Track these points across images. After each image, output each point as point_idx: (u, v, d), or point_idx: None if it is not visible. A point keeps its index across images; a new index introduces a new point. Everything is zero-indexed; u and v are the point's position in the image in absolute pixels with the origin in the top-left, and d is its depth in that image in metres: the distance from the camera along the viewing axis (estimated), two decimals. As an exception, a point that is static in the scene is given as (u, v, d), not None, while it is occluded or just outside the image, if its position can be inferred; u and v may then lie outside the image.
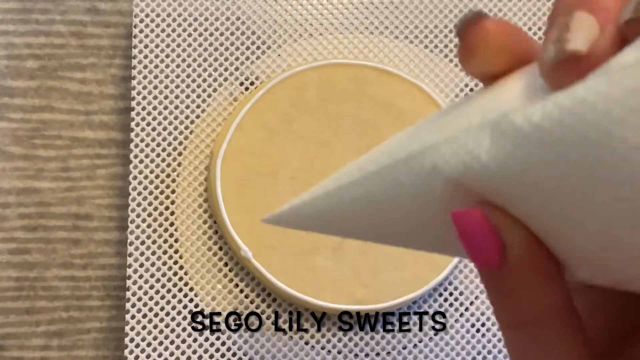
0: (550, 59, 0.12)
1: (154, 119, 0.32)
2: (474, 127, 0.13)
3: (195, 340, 0.31)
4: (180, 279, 0.31)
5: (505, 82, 0.14)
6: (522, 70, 0.14)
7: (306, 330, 0.31)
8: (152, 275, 0.31)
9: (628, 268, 0.12)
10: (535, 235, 0.14)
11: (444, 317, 0.32)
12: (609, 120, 0.11)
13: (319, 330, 0.31)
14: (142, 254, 0.31)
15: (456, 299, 0.32)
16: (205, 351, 0.31)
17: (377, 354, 0.31)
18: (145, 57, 0.32)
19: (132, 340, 0.30)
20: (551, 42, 0.12)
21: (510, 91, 0.13)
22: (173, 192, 0.32)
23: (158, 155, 0.32)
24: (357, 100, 0.32)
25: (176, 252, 0.31)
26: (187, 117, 0.32)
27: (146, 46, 0.32)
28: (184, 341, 0.31)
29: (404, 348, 0.32)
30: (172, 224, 0.31)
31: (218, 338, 0.31)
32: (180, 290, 0.31)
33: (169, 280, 0.31)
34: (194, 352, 0.31)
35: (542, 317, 0.14)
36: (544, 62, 0.12)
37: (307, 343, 0.31)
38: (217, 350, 0.31)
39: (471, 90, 0.34)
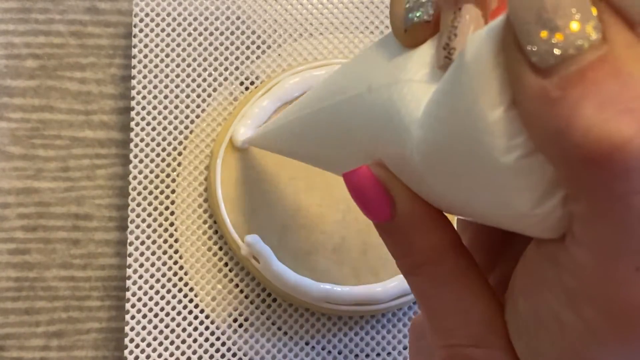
0: (404, 23, 0.15)
1: (154, 118, 0.32)
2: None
3: (195, 340, 0.31)
4: (180, 279, 0.31)
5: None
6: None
7: (306, 331, 0.31)
8: (152, 276, 0.31)
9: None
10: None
11: (444, 317, 0.32)
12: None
13: (319, 330, 0.31)
14: (142, 254, 0.31)
15: (456, 299, 0.32)
16: (205, 351, 0.31)
17: (377, 354, 0.31)
18: (145, 56, 0.32)
19: (131, 340, 0.30)
20: (405, 10, 0.15)
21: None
22: (173, 192, 0.32)
23: (158, 155, 0.32)
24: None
25: (176, 252, 0.31)
26: (187, 117, 0.32)
27: (146, 46, 0.32)
28: (183, 341, 0.31)
29: (404, 348, 0.32)
30: (172, 224, 0.31)
31: (218, 338, 0.31)
32: (180, 290, 0.31)
33: (169, 280, 0.31)
34: (194, 352, 0.31)
35: (435, 258, 0.16)
36: (399, 28, 0.15)
37: (307, 343, 0.31)
38: (217, 350, 0.31)
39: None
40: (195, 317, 0.31)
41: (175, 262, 0.31)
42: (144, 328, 0.30)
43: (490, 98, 0.12)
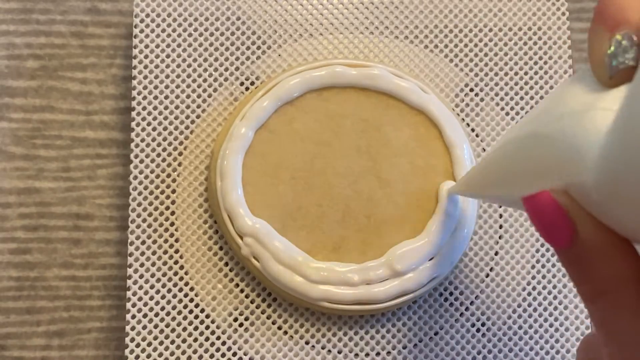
0: (608, 70, 0.15)
1: (155, 118, 0.32)
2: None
3: (195, 339, 0.31)
4: (181, 278, 0.31)
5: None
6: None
7: (307, 330, 0.31)
8: (153, 275, 0.31)
9: None
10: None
11: (445, 317, 0.32)
12: None
13: (319, 330, 0.31)
14: (142, 253, 0.31)
15: (456, 299, 0.32)
16: (206, 351, 0.31)
17: (377, 354, 0.31)
18: (146, 57, 0.32)
19: (132, 339, 0.30)
20: (607, 56, 0.15)
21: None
22: (174, 191, 0.32)
23: (158, 155, 0.32)
24: (357, 100, 0.32)
25: (177, 251, 0.31)
26: (187, 117, 0.32)
27: (147, 46, 0.32)
28: (184, 341, 0.31)
29: (404, 348, 0.32)
30: (172, 224, 0.32)
31: (218, 338, 0.31)
32: (180, 290, 0.31)
33: (170, 280, 0.31)
34: (195, 351, 0.31)
35: (618, 286, 0.15)
36: (603, 73, 0.15)
37: (307, 343, 0.31)
38: (218, 350, 0.31)
39: (471, 90, 0.34)
40: (196, 317, 0.31)
41: (176, 262, 0.31)
42: (144, 327, 0.31)
43: None
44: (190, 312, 0.31)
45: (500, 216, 0.33)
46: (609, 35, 0.16)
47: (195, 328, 0.31)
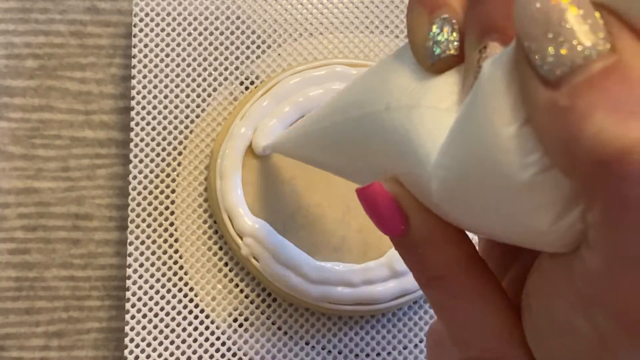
0: (430, 57, 0.15)
1: (154, 118, 0.32)
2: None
3: (195, 340, 0.31)
4: (180, 279, 0.31)
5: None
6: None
7: (306, 330, 0.31)
8: (152, 275, 0.31)
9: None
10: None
11: (445, 317, 0.32)
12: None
13: (319, 330, 0.31)
14: (142, 254, 0.31)
15: (456, 299, 0.32)
16: (206, 351, 0.31)
17: (378, 354, 0.31)
18: (145, 56, 0.32)
19: (132, 340, 0.30)
20: (428, 41, 0.15)
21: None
22: (173, 192, 0.32)
23: (158, 155, 0.32)
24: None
25: (176, 252, 0.31)
26: (187, 117, 0.32)
27: (146, 45, 0.32)
28: (184, 341, 0.31)
29: (405, 348, 0.32)
30: (172, 224, 0.31)
31: (218, 338, 0.31)
32: (180, 290, 0.31)
33: (169, 280, 0.31)
34: (194, 352, 0.31)
35: (450, 272, 0.16)
36: (425, 60, 0.15)
37: (307, 343, 0.31)
38: (217, 350, 0.31)
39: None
40: (196, 317, 0.31)
41: (176, 262, 0.31)
42: (144, 328, 0.30)
43: (504, 116, 0.12)
44: (190, 312, 0.31)
45: (501, 216, 0.33)
46: (429, 18, 0.15)
47: (195, 328, 0.31)
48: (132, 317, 0.30)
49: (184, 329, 0.31)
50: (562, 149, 0.11)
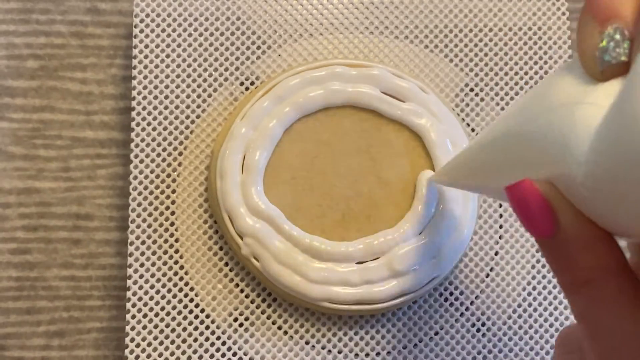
0: (600, 65, 0.15)
1: (155, 118, 0.32)
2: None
3: (195, 340, 0.31)
4: (181, 278, 0.31)
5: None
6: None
7: (307, 330, 0.31)
8: (153, 275, 0.31)
9: None
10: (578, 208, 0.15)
11: (445, 316, 0.32)
12: None
13: (319, 330, 0.31)
14: (142, 253, 0.31)
15: (456, 299, 0.32)
16: (206, 351, 0.31)
17: (378, 354, 0.31)
18: (146, 57, 0.32)
19: (132, 340, 0.30)
20: (598, 51, 0.15)
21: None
22: (174, 192, 0.32)
23: (158, 155, 0.32)
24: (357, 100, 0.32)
25: (177, 252, 0.31)
26: (187, 117, 0.32)
27: (146, 46, 0.32)
28: (184, 341, 0.31)
29: (404, 348, 0.32)
30: (172, 224, 0.32)
31: (218, 338, 0.31)
32: (180, 290, 0.31)
33: (170, 280, 0.31)
34: (195, 351, 0.31)
35: (598, 277, 0.15)
36: (595, 68, 0.15)
37: (307, 343, 0.31)
38: (218, 350, 0.31)
39: (471, 90, 0.34)
40: (196, 317, 0.31)
41: (176, 262, 0.31)
42: (144, 327, 0.31)
43: None
44: (190, 312, 0.31)
45: (501, 216, 0.33)
46: (600, 29, 0.15)
47: (195, 328, 0.31)
48: (133, 316, 0.30)
49: (185, 329, 0.31)
50: None
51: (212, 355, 0.31)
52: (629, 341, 0.15)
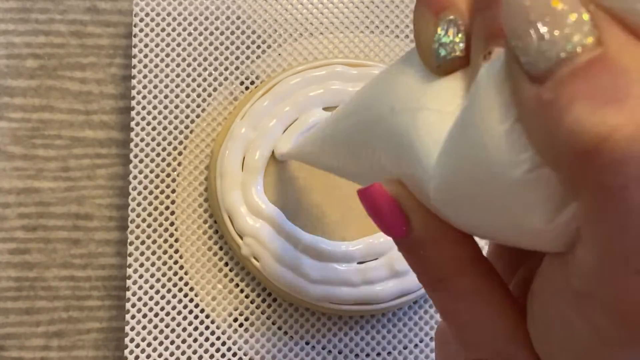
0: (436, 59, 0.15)
1: (154, 118, 0.32)
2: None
3: (195, 340, 0.31)
4: (181, 278, 0.31)
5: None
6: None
7: (307, 330, 0.31)
8: (152, 275, 0.31)
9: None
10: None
11: (445, 317, 0.32)
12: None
13: (319, 330, 0.31)
14: (142, 253, 0.31)
15: (457, 299, 0.32)
16: (206, 351, 0.31)
17: (378, 354, 0.31)
18: (145, 56, 0.32)
19: (132, 340, 0.30)
20: (434, 43, 0.15)
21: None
22: (173, 191, 0.32)
23: (158, 154, 0.32)
24: (357, 100, 0.32)
25: (176, 252, 0.31)
26: (187, 117, 0.32)
27: (146, 45, 0.32)
28: (184, 341, 0.31)
29: (405, 348, 0.32)
30: (172, 224, 0.31)
31: (218, 338, 0.31)
32: (180, 290, 0.31)
33: (169, 280, 0.31)
34: (194, 352, 0.31)
35: (453, 273, 0.16)
36: (431, 62, 0.15)
37: (307, 343, 0.31)
38: (218, 350, 0.31)
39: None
40: (196, 317, 0.31)
41: (176, 262, 0.31)
42: (144, 328, 0.30)
43: (497, 114, 0.12)
44: (190, 312, 0.31)
45: (501, 216, 0.33)
46: (434, 20, 0.15)
47: (195, 328, 0.31)
48: (133, 317, 0.30)
49: (184, 329, 0.31)
50: (547, 143, 0.11)
51: (212, 356, 0.31)
52: (486, 332, 0.16)
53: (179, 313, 0.31)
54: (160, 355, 0.30)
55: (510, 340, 0.15)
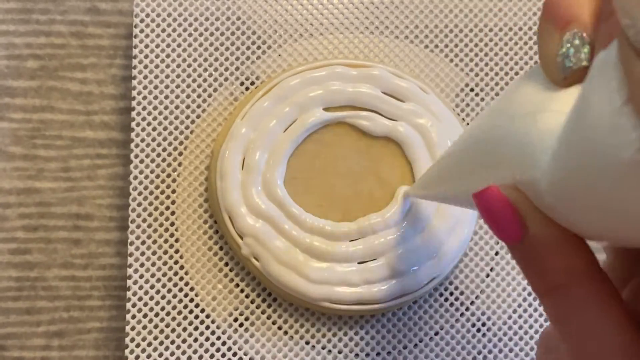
0: (562, 71, 0.15)
1: (155, 118, 0.32)
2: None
3: (195, 340, 0.31)
4: (181, 278, 0.31)
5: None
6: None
7: (307, 330, 0.31)
8: (153, 275, 0.31)
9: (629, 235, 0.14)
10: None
11: (445, 317, 0.32)
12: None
13: (319, 330, 0.31)
14: (142, 253, 0.31)
15: (456, 299, 0.32)
16: (206, 351, 0.31)
17: (378, 354, 0.31)
18: (146, 57, 0.32)
19: (132, 340, 0.30)
20: (559, 57, 0.15)
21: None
22: (174, 192, 0.32)
23: (158, 155, 0.32)
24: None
25: (177, 252, 0.31)
26: (187, 117, 0.32)
27: (147, 46, 0.32)
28: (184, 341, 0.31)
29: (405, 348, 0.32)
30: (172, 224, 0.32)
31: (218, 338, 0.31)
32: (180, 290, 0.31)
33: (170, 280, 0.31)
34: (195, 351, 0.31)
35: (568, 281, 0.15)
36: (557, 74, 0.15)
37: (307, 343, 0.31)
38: (218, 350, 0.31)
39: (471, 90, 0.34)
40: (196, 317, 0.31)
41: (176, 262, 0.31)
42: (144, 327, 0.30)
43: (609, 96, 0.12)
44: (190, 312, 0.31)
45: (501, 216, 0.33)
46: (560, 34, 0.15)
47: (195, 328, 0.31)
48: (133, 316, 0.30)
49: (185, 329, 0.31)
50: None
51: (212, 355, 0.31)
52: (602, 344, 0.15)
53: (180, 313, 0.31)
54: (160, 355, 0.30)
55: (623, 353, 0.15)
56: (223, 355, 0.31)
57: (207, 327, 0.31)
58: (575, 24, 0.15)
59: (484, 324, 0.32)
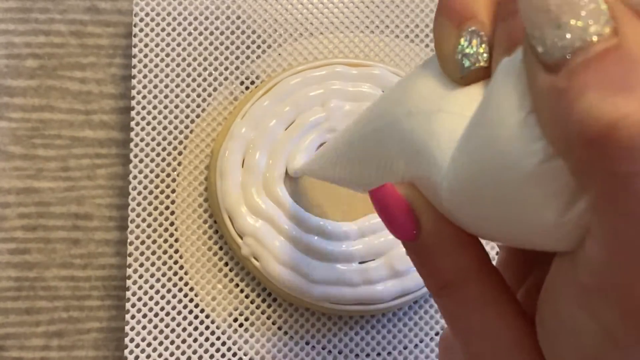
0: (460, 70, 0.15)
1: (154, 118, 0.32)
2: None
3: (195, 340, 0.31)
4: (181, 278, 0.31)
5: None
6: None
7: (307, 330, 0.31)
8: (152, 275, 0.31)
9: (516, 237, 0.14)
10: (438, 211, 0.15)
11: (445, 317, 0.32)
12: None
13: (319, 330, 0.31)
14: (142, 253, 0.31)
15: (457, 299, 0.32)
16: (206, 351, 0.31)
17: (378, 354, 0.31)
18: (145, 56, 0.32)
19: (132, 340, 0.30)
20: (457, 54, 0.15)
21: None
22: (173, 191, 0.32)
23: (158, 154, 0.32)
24: (357, 99, 0.32)
25: (176, 252, 0.31)
26: (187, 117, 0.32)
27: (146, 45, 0.32)
28: (184, 341, 0.31)
29: (405, 348, 0.32)
30: (172, 224, 0.31)
31: (218, 338, 0.31)
32: (180, 290, 0.31)
33: (169, 280, 0.31)
34: (194, 352, 0.31)
35: (461, 279, 0.15)
36: (454, 72, 0.15)
37: (307, 343, 0.31)
38: (218, 350, 0.31)
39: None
40: (196, 317, 0.31)
41: (176, 262, 0.31)
42: (144, 328, 0.30)
43: (512, 106, 0.12)
44: (190, 312, 0.31)
45: (501, 216, 0.33)
46: (456, 31, 0.15)
47: (195, 328, 0.31)
48: (132, 317, 0.30)
49: (184, 329, 0.31)
50: (559, 131, 0.11)
51: (211, 356, 0.31)
52: (494, 342, 0.15)
53: (179, 313, 0.31)
54: (160, 355, 0.30)
55: (515, 351, 0.15)
56: (223, 355, 0.31)
57: (207, 327, 0.31)
58: (472, 21, 0.15)
59: (484, 324, 0.32)
